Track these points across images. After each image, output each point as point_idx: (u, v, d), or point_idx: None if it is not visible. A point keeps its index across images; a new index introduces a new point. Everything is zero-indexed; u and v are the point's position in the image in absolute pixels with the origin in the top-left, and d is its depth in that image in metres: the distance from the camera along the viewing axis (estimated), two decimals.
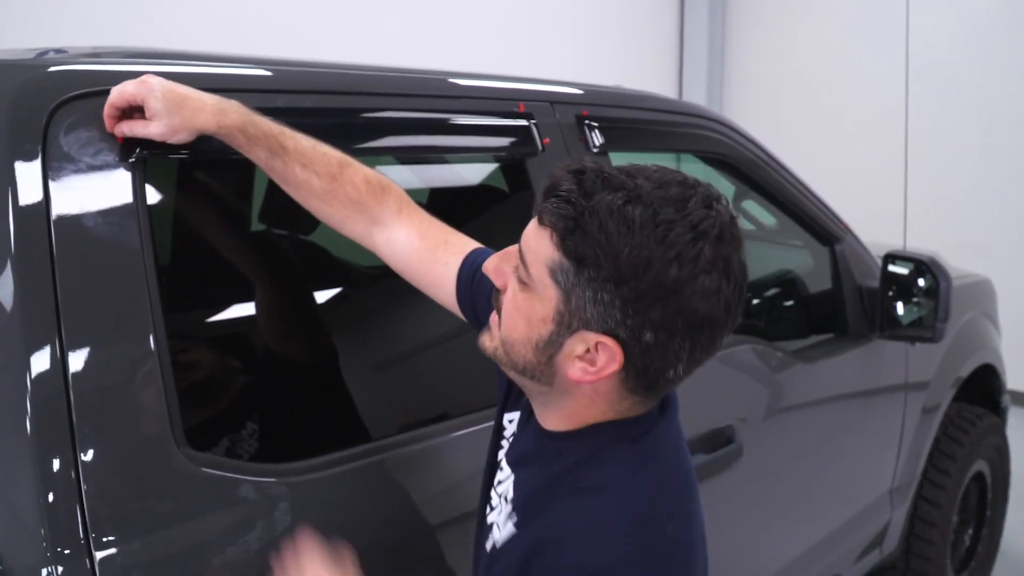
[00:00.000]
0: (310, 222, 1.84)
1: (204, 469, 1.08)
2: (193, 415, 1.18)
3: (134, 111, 1.10)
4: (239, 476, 1.11)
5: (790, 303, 2.51)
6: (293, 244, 1.76)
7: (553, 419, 1.00)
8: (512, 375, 1.01)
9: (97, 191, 1.07)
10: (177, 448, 1.06)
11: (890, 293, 2.28)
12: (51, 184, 1.03)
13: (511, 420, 1.13)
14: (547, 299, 0.91)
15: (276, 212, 1.77)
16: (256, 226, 1.53)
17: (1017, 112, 4.99)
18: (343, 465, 1.21)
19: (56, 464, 0.97)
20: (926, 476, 2.77)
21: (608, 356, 0.90)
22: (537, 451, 1.02)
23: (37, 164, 1.04)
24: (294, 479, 1.16)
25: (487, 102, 1.60)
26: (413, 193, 1.29)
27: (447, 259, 1.20)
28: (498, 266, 0.98)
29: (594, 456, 0.96)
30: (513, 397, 1.13)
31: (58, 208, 1.03)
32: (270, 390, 1.40)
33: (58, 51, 1.26)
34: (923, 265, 2.19)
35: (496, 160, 1.64)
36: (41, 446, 0.96)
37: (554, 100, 1.71)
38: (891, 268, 2.28)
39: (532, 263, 0.91)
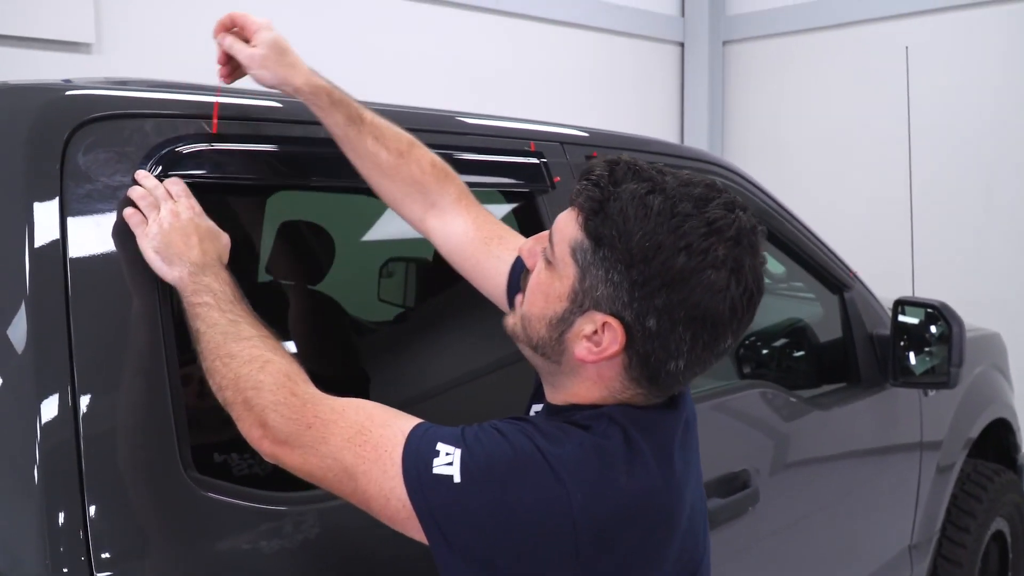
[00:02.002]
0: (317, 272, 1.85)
1: (210, 495, 1.05)
2: (202, 441, 1.15)
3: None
4: (247, 503, 1.08)
5: (800, 353, 2.48)
6: (308, 274, 1.76)
7: (559, 398, 1.03)
8: (527, 353, 1.04)
9: (114, 213, 1.07)
10: (184, 472, 1.04)
11: (902, 343, 2.26)
12: (68, 204, 1.04)
13: (536, 411, 1.15)
14: (566, 277, 0.95)
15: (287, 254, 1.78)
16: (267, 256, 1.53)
17: (1018, 169, 5.05)
18: None
19: (61, 484, 0.95)
20: (945, 534, 2.70)
21: (612, 337, 0.93)
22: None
23: (55, 185, 1.04)
24: (304, 508, 1.12)
25: (500, 140, 1.61)
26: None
27: (500, 253, 1.22)
28: (531, 248, 1.03)
29: (585, 418, 0.96)
30: (540, 389, 1.14)
31: (74, 230, 1.03)
32: None
33: (65, 81, 1.28)
34: (935, 310, 2.17)
35: (509, 197, 1.65)
36: (47, 468, 0.94)
37: (564, 141, 1.73)
38: (901, 318, 2.27)
39: (557, 242, 0.97)
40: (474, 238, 1.23)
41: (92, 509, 0.96)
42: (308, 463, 0.94)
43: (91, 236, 1.05)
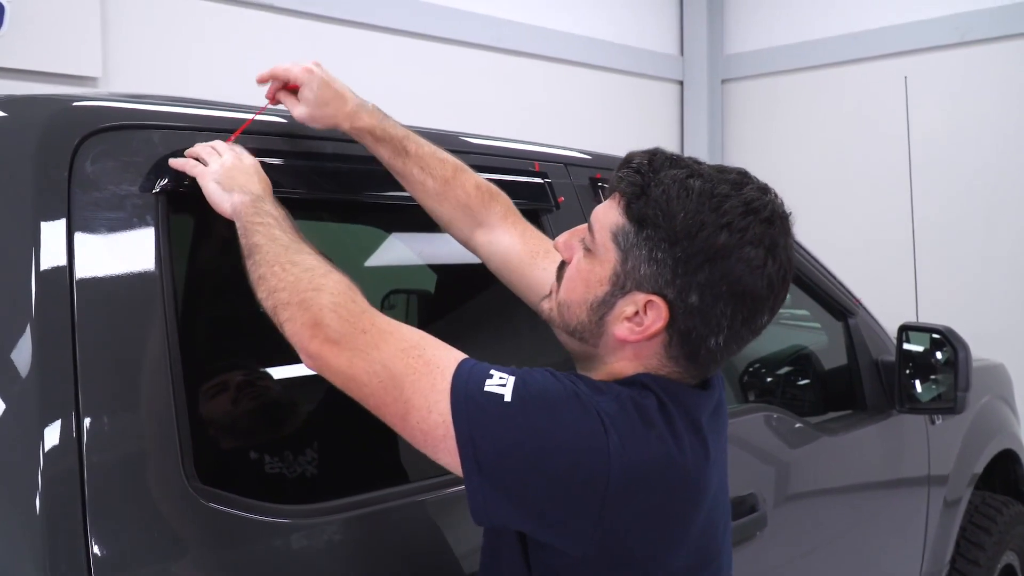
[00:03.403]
0: None
1: (212, 505, 1.03)
2: (208, 452, 1.13)
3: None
4: (250, 515, 1.06)
5: (805, 380, 2.47)
6: None
7: (595, 377, 1.04)
8: (563, 338, 1.08)
9: (121, 224, 1.07)
10: (193, 496, 1.02)
11: (908, 371, 2.25)
12: (75, 212, 1.04)
13: None
14: (607, 261, 1.00)
15: None
16: None
17: (1019, 202, 5.07)
18: (362, 509, 1.16)
19: (62, 492, 0.93)
20: (954, 566, 2.65)
21: (655, 315, 0.96)
22: None
23: (63, 194, 1.04)
24: (308, 521, 1.10)
25: (506, 160, 1.62)
26: (433, 239, 1.29)
27: (545, 265, 1.26)
28: (567, 241, 1.08)
29: (622, 383, 0.99)
30: None
31: (81, 238, 1.03)
32: (295, 430, 1.37)
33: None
34: (940, 335, 2.16)
35: None
36: (48, 479, 0.93)
37: (568, 163, 1.74)
38: (906, 346, 2.26)
39: (598, 230, 1.01)
40: (520, 252, 1.29)
41: (94, 538, 0.94)
42: (355, 366, 0.94)
43: (98, 245, 1.05)
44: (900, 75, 3.70)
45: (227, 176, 1.11)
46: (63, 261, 1.01)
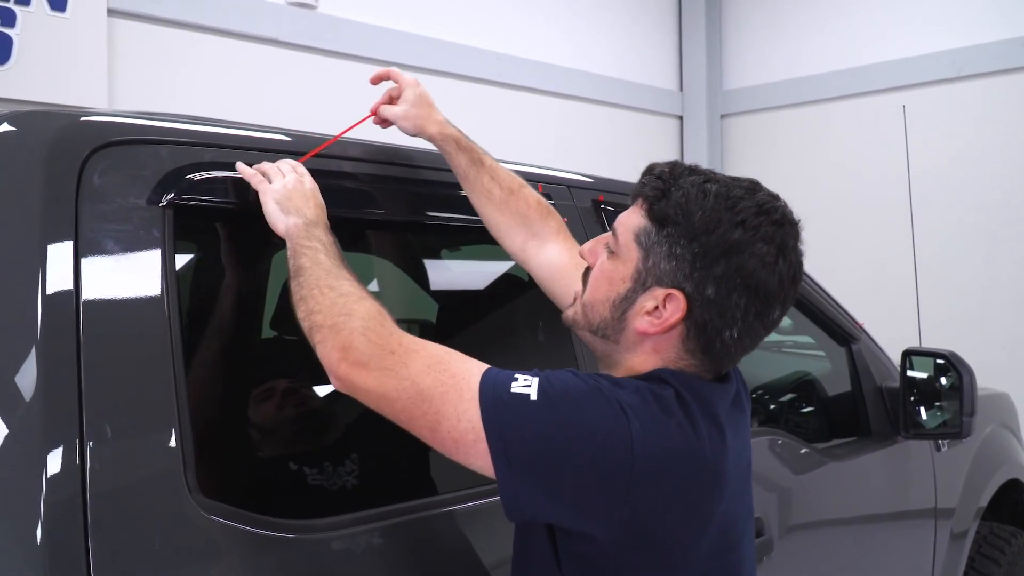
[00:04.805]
0: None
1: (214, 518, 1.02)
2: (211, 465, 1.12)
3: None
4: (252, 529, 1.05)
5: (809, 407, 2.45)
6: None
7: (616, 374, 1.10)
8: (587, 338, 1.15)
9: (128, 236, 1.08)
10: (188, 495, 1.01)
11: (912, 398, 2.23)
12: (83, 225, 1.04)
13: None
14: (629, 260, 1.07)
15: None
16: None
17: (1020, 233, 5.09)
18: (367, 524, 1.15)
19: (63, 495, 0.93)
20: None
21: (674, 307, 1.03)
22: None
23: (71, 207, 1.05)
24: (311, 536, 1.09)
25: None
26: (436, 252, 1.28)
27: None
28: (592, 247, 1.15)
29: (640, 377, 1.05)
30: None
31: (88, 250, 1.04)
32: (303, 446, 1.36)
33: None
34: (944, 359, 2.15)
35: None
36: (47, 472, 0.92)
37: (571, 185, 1.75)
38: (910, 373, 2.25)
39: (621, 232, 1.09)
40: (567, 263, 1.37)
41: (91, 525, 0.93)
42: (384, 384, 1.00)
43: (105, 257, 1.05)
44: (897, 109, 3.74)
45: (286, 197, 1.17)
46: (70, 272, 1.02)
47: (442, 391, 0.98)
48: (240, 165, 1.20)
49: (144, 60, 3.86)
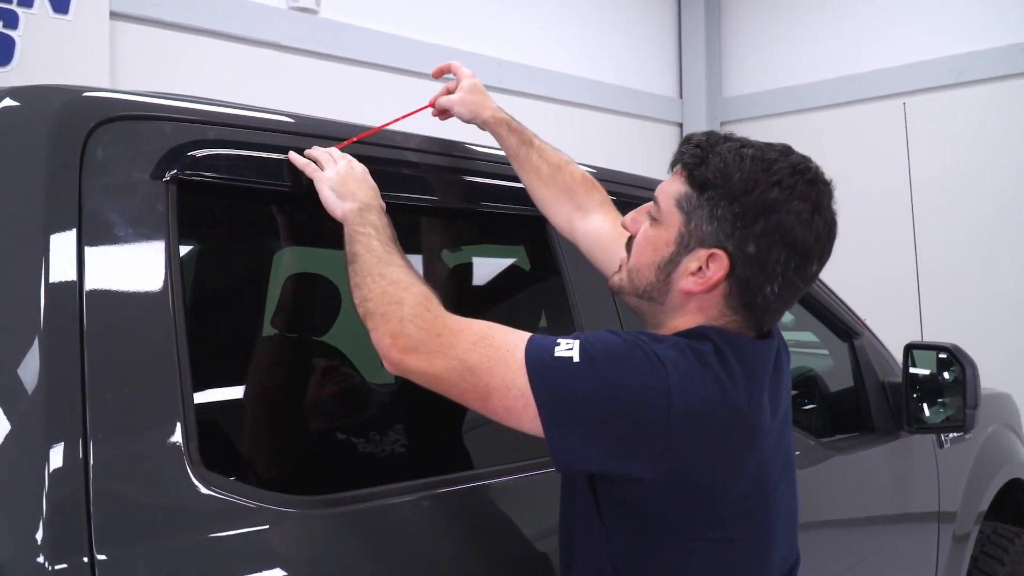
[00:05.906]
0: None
1: (216, 492, 1.01)
2: (215, 441, 1.12)
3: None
4: (255, 503, 1.04)
5: (811, 404, 2.45)
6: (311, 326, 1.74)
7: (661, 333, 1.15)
8: (633, 303, 1.21)
9: (131, 211, 1.08)
10: (190, 468, 1.00)
11: (915, 394, 2.23)
12: (86, 199, 1.04)
13: None
14: (672, 225, 1.13)
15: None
16: (287, 262, 1.52)
17: (1020, 239, 5.09)
18: (370, 502, 1.15)
19: (64, 469, 0.92)
20: None
21: (717, 266, 1.09)
22: None
23: (74, 181, 1.05)
24: (314, 511, 1.09)
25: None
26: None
27: None
28: (634, 217, 1.20)
29: (681, 334, 1.11)
30: None
31: (90, 225, 1.04)
32: (308, 430, 1.35)
33: None
34: (947, 352, 2.15)
35: (521, 223, 1.67)
36: (50, 444, 0.91)
37: None
38: (912, 370, 2.24)
39: (662, 200, 1.15)
40: (611, 232, 1.41)
41: (93, 499, 0.92)
42: (434, 365, 1.06)
43: (108, 230, 1.05)
44: (898, 116, 3.76)
45: (341, 183, 1.23)
46: (73, 246, 1.02)
47: (489, 365, 1.04)
48: (292, 154, 1.25)
49: (146, 63, 3.87)
